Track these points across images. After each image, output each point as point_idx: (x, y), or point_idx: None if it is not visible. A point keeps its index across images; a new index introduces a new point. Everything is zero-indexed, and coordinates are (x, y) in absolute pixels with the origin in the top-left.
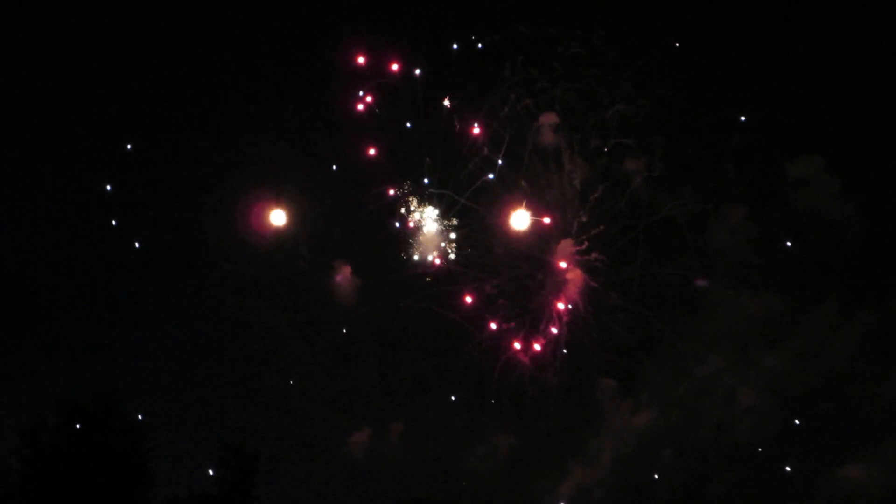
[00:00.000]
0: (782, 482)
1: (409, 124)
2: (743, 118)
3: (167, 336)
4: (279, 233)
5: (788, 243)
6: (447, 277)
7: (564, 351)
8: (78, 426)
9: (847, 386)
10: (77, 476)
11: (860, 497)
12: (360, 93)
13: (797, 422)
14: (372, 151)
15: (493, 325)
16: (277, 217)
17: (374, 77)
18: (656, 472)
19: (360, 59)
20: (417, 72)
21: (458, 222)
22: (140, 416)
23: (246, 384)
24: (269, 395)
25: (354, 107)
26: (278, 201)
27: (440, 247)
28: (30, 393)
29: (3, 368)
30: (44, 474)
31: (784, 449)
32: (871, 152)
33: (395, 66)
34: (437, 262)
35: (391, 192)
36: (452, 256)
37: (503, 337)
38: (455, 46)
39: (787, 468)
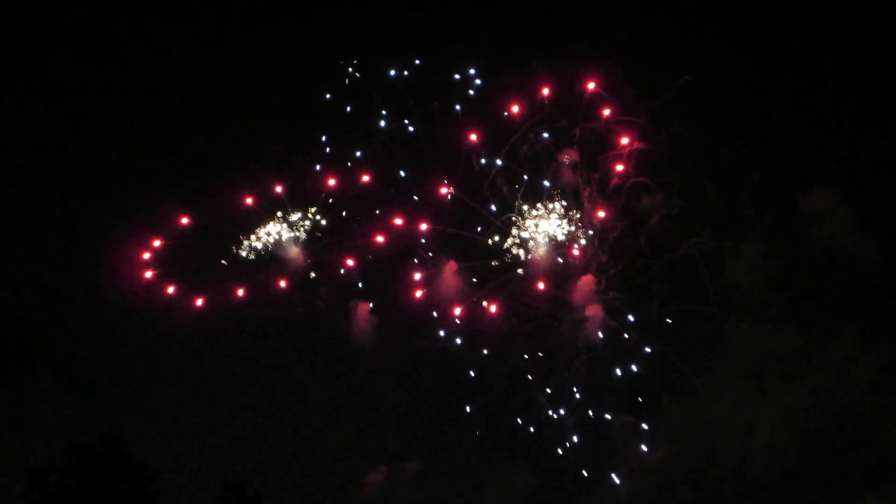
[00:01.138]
0: None
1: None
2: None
3: (179, 377)
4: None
5: (805, 278)
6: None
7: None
8: (86, 468)
9: (863, 421)
10: None
11: None
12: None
13: (813, 457)
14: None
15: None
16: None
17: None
18: None
19: None
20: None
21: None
22: (148, 459)
23: (259, 424)
24: (282, 437)
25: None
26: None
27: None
28: (38, 435)
29: (11, 410)
30: None
31: (800, 484)
32: (887, 186)
33: None
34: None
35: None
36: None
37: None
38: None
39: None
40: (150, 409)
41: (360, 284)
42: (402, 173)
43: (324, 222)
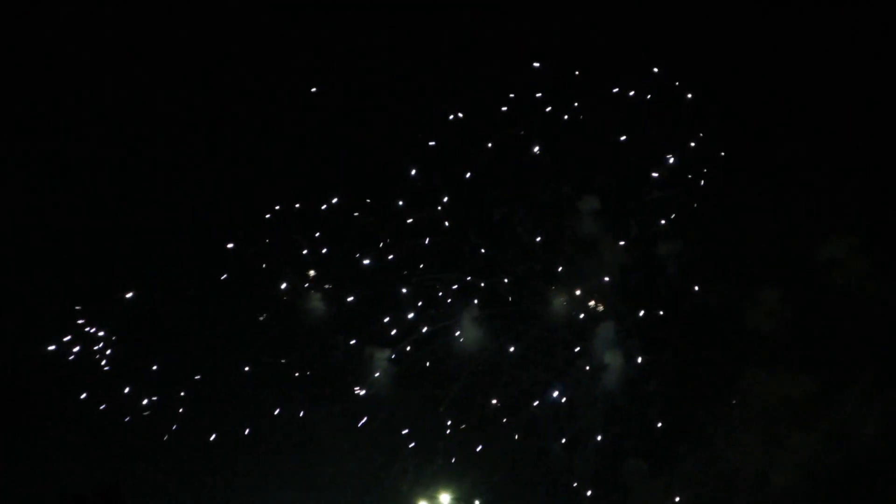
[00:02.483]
0: None
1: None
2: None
3: (191, 429)
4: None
5: (821, 324)
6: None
7: (599, 438)
8: None
9: (878, 467)
10: None
11: None
12: None
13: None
14: None
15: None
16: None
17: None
18: None
19: None
20: None
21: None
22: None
23: (269, 474)
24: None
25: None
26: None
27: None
28: (34, 487)
29: (6, 462)
30: None
31: None
32: None
33: None
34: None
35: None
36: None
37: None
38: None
39: None
40: (151, 461)
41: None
42: None
43: None
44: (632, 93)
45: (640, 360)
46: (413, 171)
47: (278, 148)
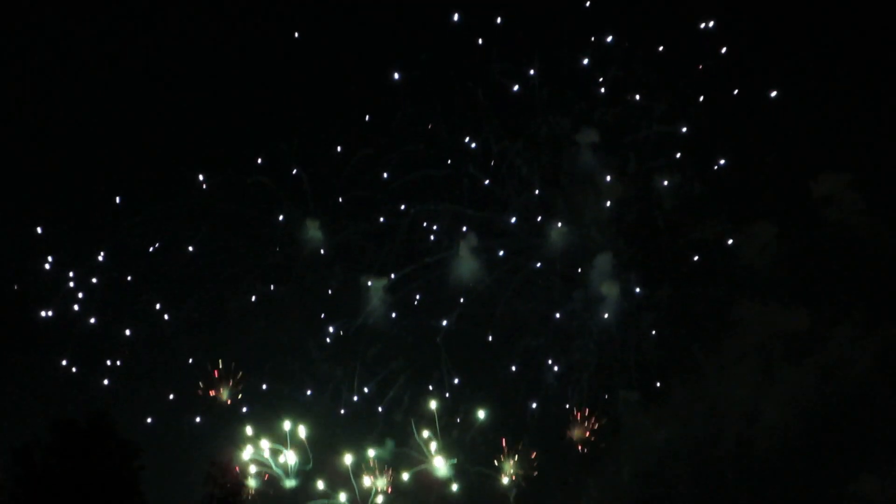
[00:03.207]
0: (798, 495)
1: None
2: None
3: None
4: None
5: (815, 260)
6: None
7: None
8: (71, 444)
9: (867, 400)
10: (68, 494)
11: None
12: None
13: (815, 436)
14: None
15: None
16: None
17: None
18: (674, 487)
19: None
20: None
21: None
22: (134, 435)
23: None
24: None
25: None
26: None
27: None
28: (23, 411)
29: None
30: (35, 492)
31: (801, 463)
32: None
33: None
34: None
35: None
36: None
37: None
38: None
39: (803, 482)
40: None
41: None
42: None
43: None
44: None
45: (636, 291)
46: (411, 104)
47: (277, 81)
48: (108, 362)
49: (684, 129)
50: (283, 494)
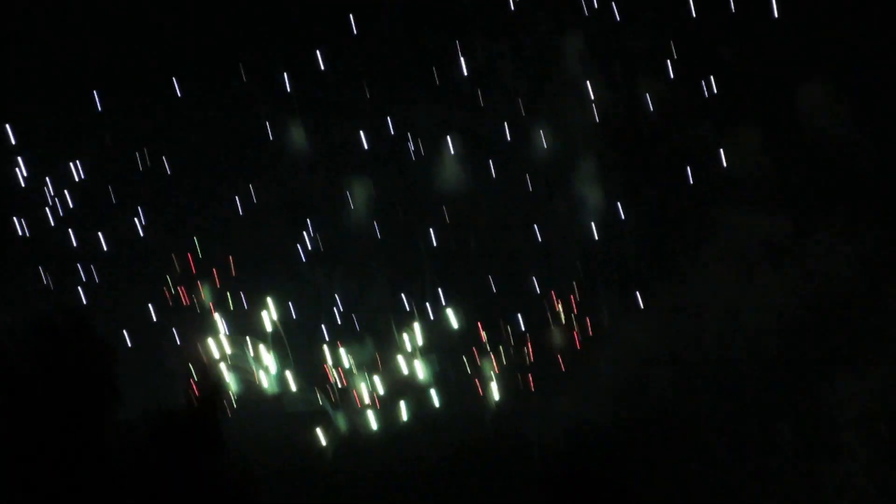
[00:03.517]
0: (772, 398)
1: None
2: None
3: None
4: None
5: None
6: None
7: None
8: (46, 342)
9: (846, 302)
10: (47, 396)
11: (847, 413)
12: None
13: (794, 340)
14: None
15: None
16: None
17: None
18: (655, 391)
19: None
20: None
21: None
22: (110, 336)
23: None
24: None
25: None
26: None
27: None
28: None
29: None
30: (12, 394)
31: (779, 367)
32: (883, 77)
33: None
34: None
35: None
36: None
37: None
38: None
39: (783, 384)
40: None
41: None
42: None
43: None
44: None
45: (619, 197)
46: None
47: None
48: (84, 277)
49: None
50: (264, 398)
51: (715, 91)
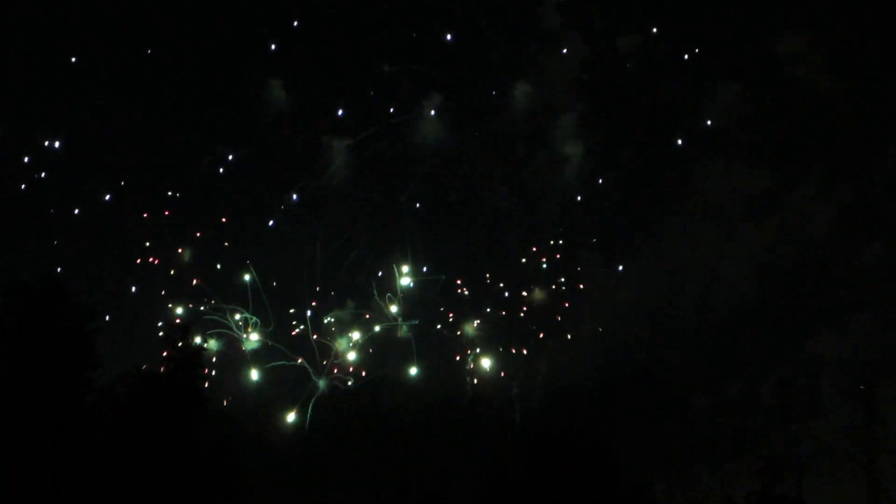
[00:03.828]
0: (752, 352)
1: None
2: None
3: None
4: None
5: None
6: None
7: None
8: (24, 305)
9: (825, 258)
10: (22, 356)
11: (828, 368)
12: None
13: (773, 295)
14: None
15: None
16: None
17: None
18: (634, 347)
19: None
20: None
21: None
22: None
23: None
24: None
25: None
26: None
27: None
28: None
29: None
30: None
31: (758, 323)
32: (861, 27)
33: None
34: None
35: None
36: None
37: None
38: None
39: (762, 340)
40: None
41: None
42: None
43: None
44: None
45: (599, 152)
46: None
47: None
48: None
49: None
50: (243, 356)
51: (695, 48)
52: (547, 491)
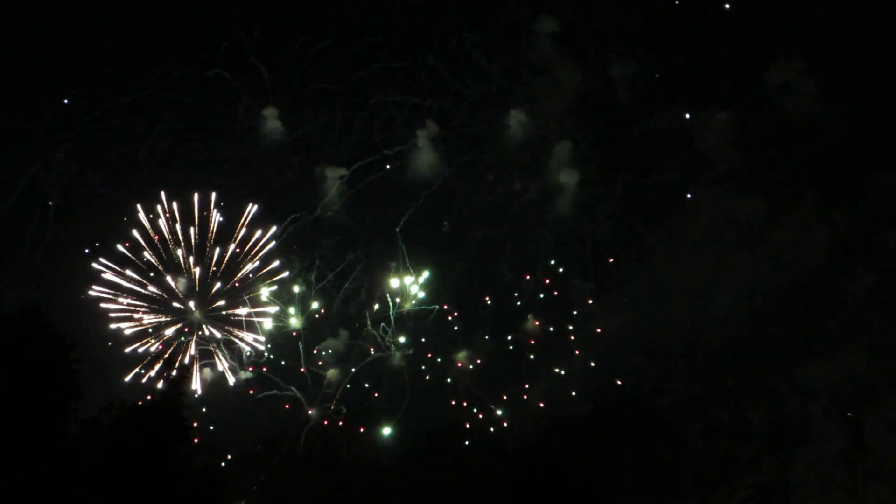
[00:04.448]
0: (742, 380)
1: None
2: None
3: None
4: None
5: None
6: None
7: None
8: (5, 337)
9: (815, 287)
10: (3, 387)
11: (817, 396)
12: None
13: (766, 323)
14: None
15: None
16: None
17: None
18: (627, 375)
19: None
20: None
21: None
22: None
23: None
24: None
25: None
26: None
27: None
28: None
29: None
30: None
31: (751, 351)
32: (853, 56)
33: None
34: None
35: None
36: None
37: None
38: None
39: (753, 368)
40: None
41: None
42: None
43: None
44: None
45: (592, 181)
46: None
47: None
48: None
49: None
50: (237, 385)
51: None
52: None
